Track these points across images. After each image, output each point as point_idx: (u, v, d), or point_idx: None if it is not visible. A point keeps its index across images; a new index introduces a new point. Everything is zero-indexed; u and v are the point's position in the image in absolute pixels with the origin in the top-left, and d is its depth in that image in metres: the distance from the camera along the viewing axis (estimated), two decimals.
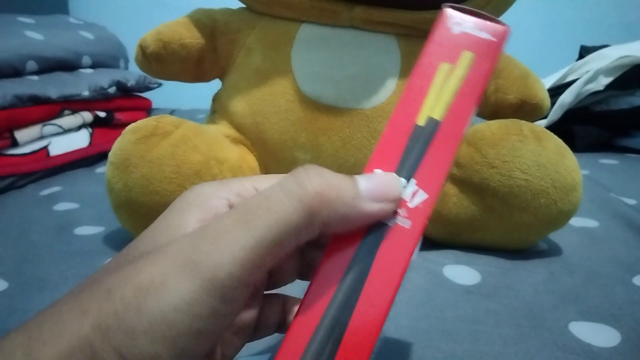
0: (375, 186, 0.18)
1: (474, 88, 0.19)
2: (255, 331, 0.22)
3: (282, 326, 0.23)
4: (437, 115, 0.19)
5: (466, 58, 0.20)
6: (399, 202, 0.18)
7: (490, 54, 0.20)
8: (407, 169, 0.18)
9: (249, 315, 0.21)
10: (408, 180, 0.18)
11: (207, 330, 0.16)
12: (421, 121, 0.19)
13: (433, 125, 0.19)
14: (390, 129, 0.19)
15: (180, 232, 0.18)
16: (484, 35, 0.20)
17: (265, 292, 0.23)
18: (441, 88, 0.19)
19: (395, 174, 0.19)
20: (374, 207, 0.17)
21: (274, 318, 0.23)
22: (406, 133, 0.19)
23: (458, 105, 0.19)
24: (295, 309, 0.19)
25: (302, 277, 0.23)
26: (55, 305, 0.17)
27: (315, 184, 0.17)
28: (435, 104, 0.19)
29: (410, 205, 0.18)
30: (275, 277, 0.23)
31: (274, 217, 0.16)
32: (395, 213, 0.18)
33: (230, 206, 0.19)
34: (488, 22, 0.20)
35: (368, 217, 0.18)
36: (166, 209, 0.20)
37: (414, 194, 0.18)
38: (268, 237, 0.16)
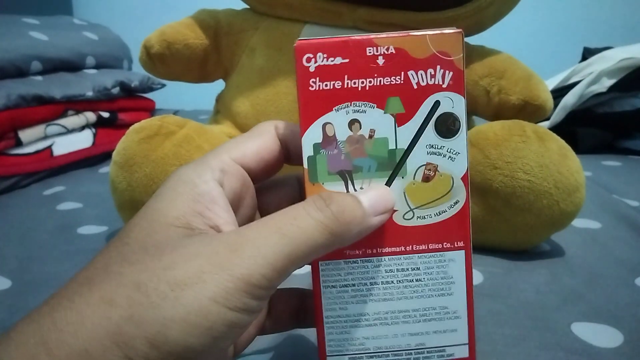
0: (375, 202, 0.21)
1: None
2: (273, 325, 0.25)
3: (300, 319, 0.25)
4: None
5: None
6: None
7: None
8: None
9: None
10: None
11: (238, 323, 0.17)
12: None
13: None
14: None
15: (178, 223, 0.19)
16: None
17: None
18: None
19: (386, 187, 0.21)
20: (376, 220, 0.21)
21: (289, 311, 0.25)
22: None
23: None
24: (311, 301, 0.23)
25: None
26: (62, 295, 0.17)
27: (334, 210, 0.19)
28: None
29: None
30: None
31: (304, 235, 0.19)
32: None
33: (221, 184, 0.20)
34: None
35: (372, 229, 0.21)
36: (153, 197, 0.20)
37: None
38: (298, 250, 0.18)
